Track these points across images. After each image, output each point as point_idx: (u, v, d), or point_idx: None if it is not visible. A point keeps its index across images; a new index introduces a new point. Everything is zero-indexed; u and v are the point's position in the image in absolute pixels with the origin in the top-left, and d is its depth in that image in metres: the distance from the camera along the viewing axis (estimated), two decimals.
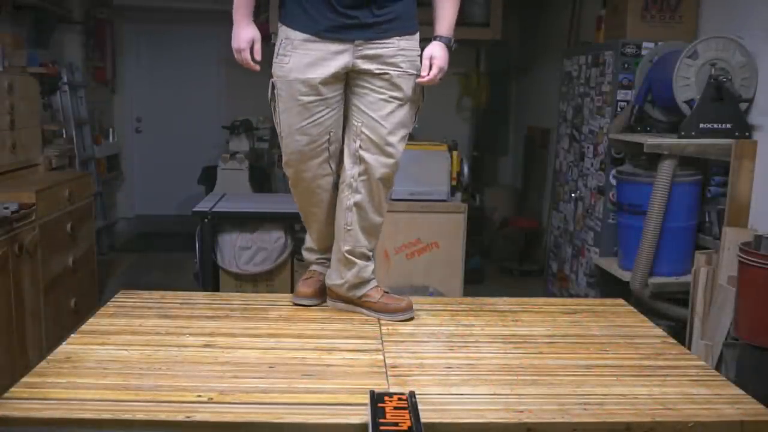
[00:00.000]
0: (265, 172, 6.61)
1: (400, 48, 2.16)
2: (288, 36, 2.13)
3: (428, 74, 2.15)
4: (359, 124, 2.18)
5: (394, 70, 2.15)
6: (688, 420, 1.58)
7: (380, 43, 2.13)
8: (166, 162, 7.31)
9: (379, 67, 2.14)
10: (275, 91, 2.17)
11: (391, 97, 2.16)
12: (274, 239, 3.84)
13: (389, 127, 2.17)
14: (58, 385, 1.67)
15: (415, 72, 2.19)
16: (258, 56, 2.13)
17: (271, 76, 2.18)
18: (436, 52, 2.16)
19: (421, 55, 2.20)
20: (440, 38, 2.20)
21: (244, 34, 2.12)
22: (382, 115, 2.16)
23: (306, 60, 2.10)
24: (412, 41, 2.20)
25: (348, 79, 2.19)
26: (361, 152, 2.18)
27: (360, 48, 2.12)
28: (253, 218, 3.89)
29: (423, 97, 2.24)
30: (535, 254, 5.91)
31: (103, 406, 1.56)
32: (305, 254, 2.50)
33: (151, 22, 7.11)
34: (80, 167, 5.46)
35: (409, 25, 2.19)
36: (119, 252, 6.33)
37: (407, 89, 2.18)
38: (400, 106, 2.17)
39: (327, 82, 2.13)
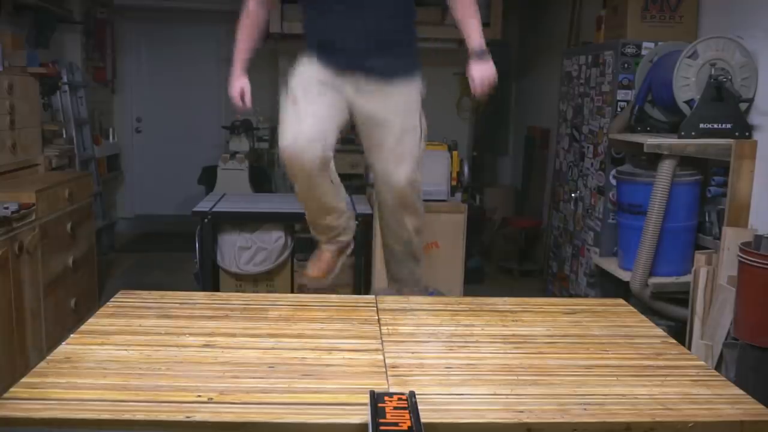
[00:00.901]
0: (265, 172, 6.61)
1: (399, 92, 2.41)
2: (308, 61, 2.48)
3: (477, 93, 2.35)
4: (371, 164, 2.49)
5: (392, 116, 2.40)
6: (688, 420, 1.58)
7: (380, 84, 2.39)
8: (166, 162, 7.30)
9: (378, 116, 2.41)
10: (289, 90, 2.42)
11: (394, 139, 2.41)
12: (274, 239, 3.84)
13: (392, 160, 2.41)
14: (58, 385, 1.67)
15: (413, 114, 2.43)
16: (248, 103, 2.52)
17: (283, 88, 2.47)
18: (473, 72, 2.33)
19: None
20: (474, 54, 2.35)
21: (236, 84, 2.51)
22: (383, 151, 2.42)
23: (320, 75, 2.42)
24: (411, 84, 2.45)
25: (354, 123, 2.48)
26: (376, 184, 2.48)
27: (361, 84, 2.40)
28: (253, 218, 3.89)
29: (422, 126, 2.46)
30: (535, 254, 5.91)
31: (103, 406, 1.56)
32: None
33: (151, 22, 7.11)
34: (80, 167, 5.45)
35: (410, 70, 2.45)
36: (119, 252, 6.33)
37: (405, 124, 2.42)
38: (399, 140, 2.39)
39: (332, 86, 2.39)
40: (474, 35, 2.32)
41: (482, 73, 2.29)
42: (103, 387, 1.66)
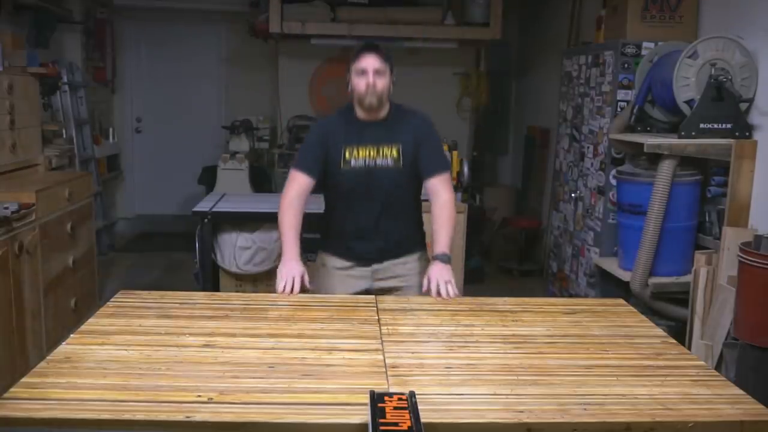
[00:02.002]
0: (265, 172, 6.62)
1: (405, 266, 2.68)
2: (324, 263, 2.72)
3: (432, 292, 2.44)
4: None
5: (404, 283, 2.67)
6: (688, 420, 1.58)
7: (391, 264, 2.66)
8: (166, 162, 7.31)
9: (390, 284, 2.67)
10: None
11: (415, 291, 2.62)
12: (274, 239, 3.83)
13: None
14: (58, 385, 1.67)
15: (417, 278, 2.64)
16: (297, 290, 2.49)
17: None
18: (432, 272, 2.47)
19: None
20: (437, 258, 2.50)
21: (290, 266, 2.53)
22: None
23: (335, 281, 2.67)
24: (413, 256, 2.71)
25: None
26: None
27: (376, 271, 2.66)
28: (253, 218, 3.89)
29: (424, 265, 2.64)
30: (535, 254, 5.91)
31: (103, 406, 1.56)
32: None
33: (151, 22, 7.11)
34: (80, 167, 5.46)
35: (413, 249, 2.72)
36: (119, 252, 6.33)
37: (413, 287, 2.65)
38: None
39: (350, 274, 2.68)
40: (442, 243, 2.52)
41: (440, 274, 2.43)
42: (103, 387, 1.66)
